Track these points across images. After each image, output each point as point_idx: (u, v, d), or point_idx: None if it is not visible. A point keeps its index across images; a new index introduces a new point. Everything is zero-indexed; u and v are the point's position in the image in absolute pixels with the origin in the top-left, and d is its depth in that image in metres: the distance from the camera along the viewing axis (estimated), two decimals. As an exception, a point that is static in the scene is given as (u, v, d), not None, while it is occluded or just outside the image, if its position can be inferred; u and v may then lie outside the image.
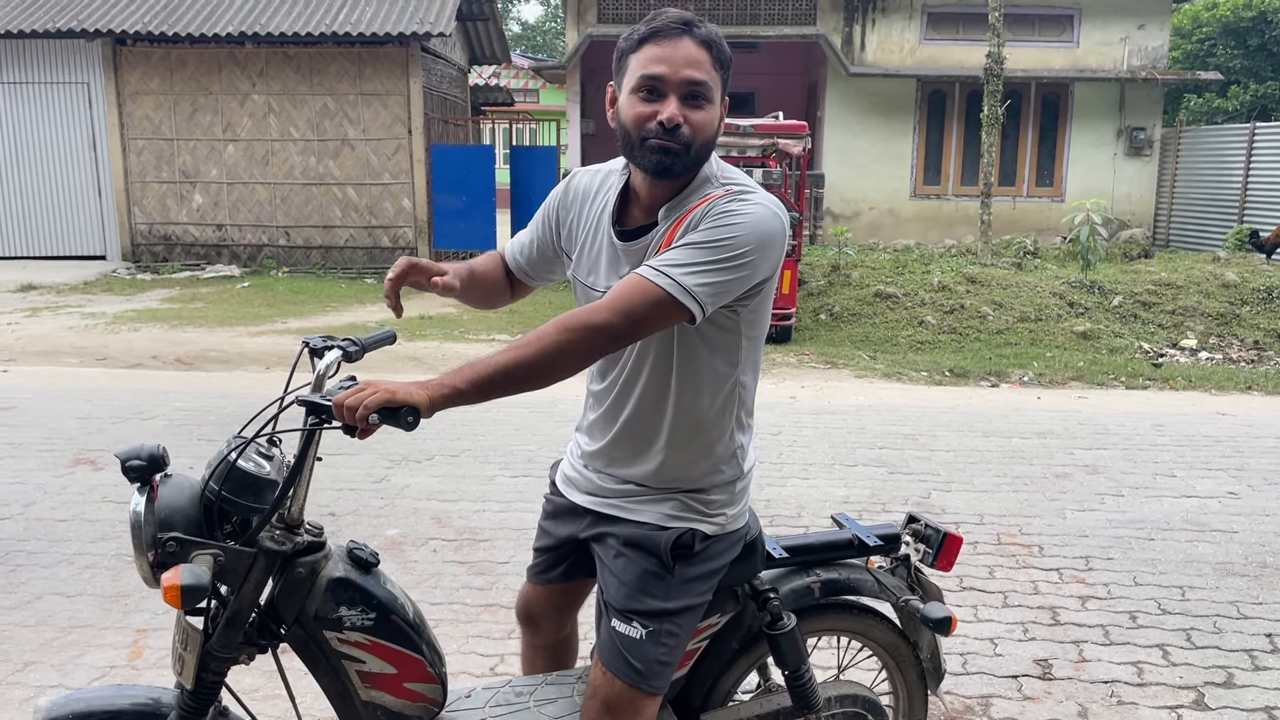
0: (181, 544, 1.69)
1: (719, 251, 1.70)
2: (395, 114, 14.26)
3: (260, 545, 1.77)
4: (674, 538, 1.92)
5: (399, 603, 1.93)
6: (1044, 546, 4.51)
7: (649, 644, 1.91)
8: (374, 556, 1.92)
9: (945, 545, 2.30)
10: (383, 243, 14.59)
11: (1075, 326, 9.89)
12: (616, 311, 1.68)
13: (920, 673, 2.43)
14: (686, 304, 1.69)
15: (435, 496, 5.06)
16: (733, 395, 1.93)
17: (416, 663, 1.93)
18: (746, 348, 1.90)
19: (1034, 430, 6.54)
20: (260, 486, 1.77)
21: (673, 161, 1.76)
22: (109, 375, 8.00)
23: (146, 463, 1.73)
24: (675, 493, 1.95)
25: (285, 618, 1.84)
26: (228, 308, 11.52)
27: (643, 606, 1.92)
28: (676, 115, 1.74)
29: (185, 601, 1.60)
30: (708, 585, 1.99)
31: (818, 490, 5.25)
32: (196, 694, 1.81)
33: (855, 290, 11.06)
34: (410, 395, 1.61)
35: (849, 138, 16.51)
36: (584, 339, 1.67)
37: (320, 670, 1.89)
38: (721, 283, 1.71)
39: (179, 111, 14.33)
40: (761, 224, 1.74)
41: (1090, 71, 16.17)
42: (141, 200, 14.59)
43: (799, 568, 2.26)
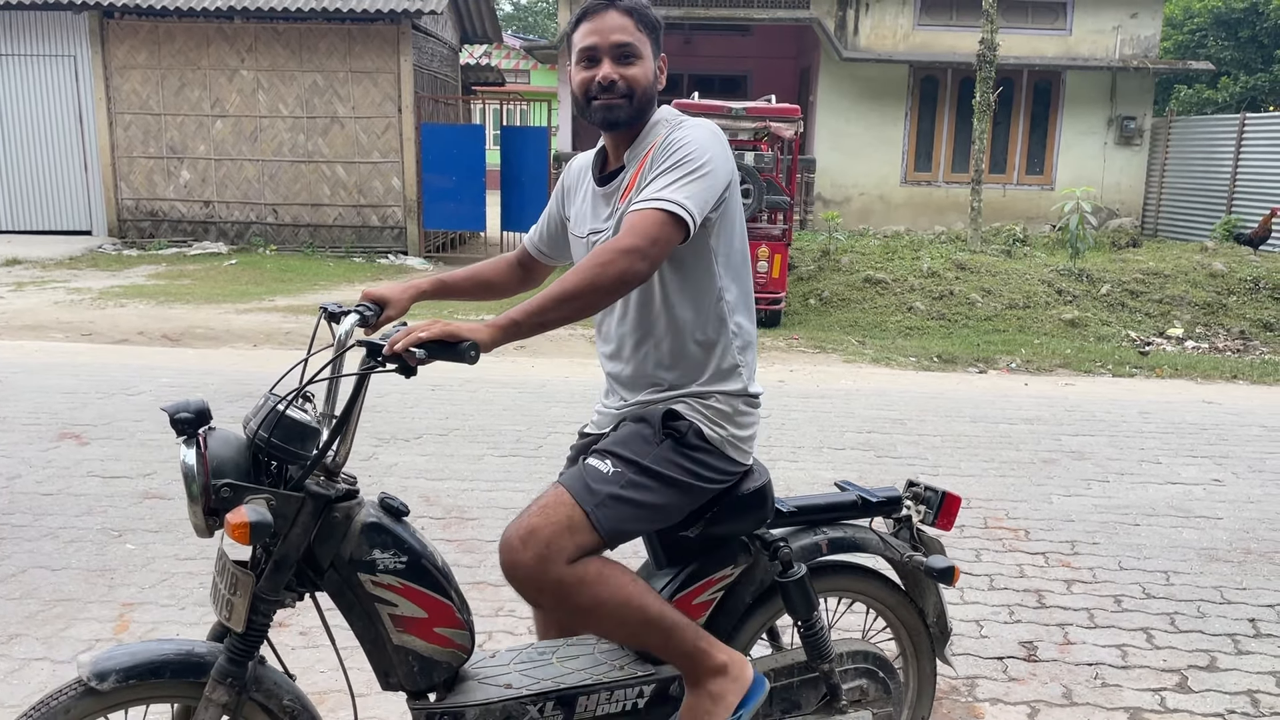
0: (235, 489, 1.79)
1: (682, 167, 1.96)
2: (385, 92, 14.16)
3: (308, 489, 1.85)
4: (668, 409, 2.10)
5: (429, 550, 2.00)
6: (1030, 531, 4.53)
7: (611, 480, 2.01)
8: (404, 507, 2.00)
9: (944, 504, 2.40)
10: (371, 222, 14.51)
11: (1063, 314, 9.92)
12: (634, 234, 1.89)
13: (927, 634, 2.50)
14: (679, 214, 1.91)
15: (423, 475, 5.05)
16: (720, 309, 2.11)
17: (446, 608, 1.99)
18: (723, 263, 2.10)
19: (1021, 416, 6.56)
20: (307, 434, 1.86)
21: (617, 114, 2.07)
22: (95, 351, 7.95)
23: (194, 416, 1.84)
24: (683, 395, 2.12)
25: (321, 561, 1.91)
26: (215, 285, 11.45)
27: (621, 452, 2.05)
28: (611, 73, 2.04)
29: (254, 537, 1.72)
30: (687, 480, 2.07)
31: (805, 472, 5.25)
32: (246, 637, 1.88)
33: (845, 276, 11.07)
34: (471, 330, 1.78)
35: (841, 123, 16.48)
36: (616, 260, 1.85)
37: (354, 615, 1.96)
38: (697, 189, 1.94)
39: (166, 86, 14.20)
40: (701, 135, 2.03)
41: (1082, 60, 16.16)
42: (128, 175, 14.47)
43: (806, 526, 2.35)
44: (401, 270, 13.38)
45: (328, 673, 3.14)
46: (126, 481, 4.83)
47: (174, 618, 3.49)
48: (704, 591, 2.23)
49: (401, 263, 13.88)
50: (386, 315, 2.23)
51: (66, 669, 3.13)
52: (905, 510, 2.43)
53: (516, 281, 2.50)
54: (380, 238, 14.54)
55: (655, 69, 2.11)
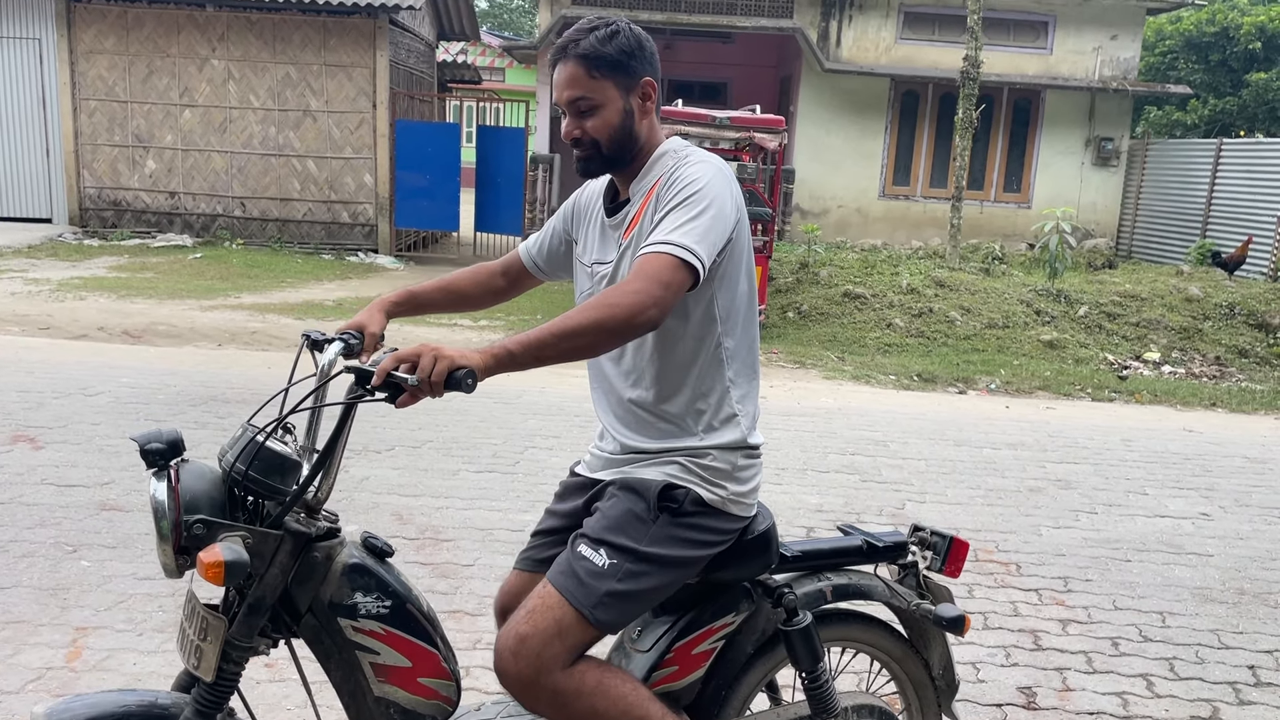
0: (209, 526, 1.68)
1: (689, 207, 1.88)
2: (360, 87, 13.89)
3: (287, 527, 1.75)
4: (663, 485, 1.97)
5: (413, 594, 1.89)
6: (1021, 565, 4.42)
7: (607, 574, 1.90)
8: (388, 547, 1.90)
9: (952, 550, 2.29)
10: (342, 218, 14.23)
11: (1042, 335, 9.88)
12: (644, 277, 1.79)
13: (933, 687, 2.39)
14: (688, 259, 1.82)
15: (396, 491, 4.85)
16: (717, 354, 2.01)
17: (431, 656, 1.88)
18: (724, 307, 1.99)
19: (1005, 441, 6.47)
20: (287, 468, 1.76)
21: (590, 165, 2.03)
22: (52, 346, 7.66)
23: (166, 447, 1.72)
24: (677, 454, 2.00)
25: (299, 605, 1.80)
26: (179, 279, 11.14)
27: (615, 540, 1.93)
28: (571, 130, 2.00)
29: (229, 578, 1.61)
30: (689, 553, 1.97)
31: (790, 497, 5.12)
32: (215, 687, 1.75)
33: (824, 289, 10.97)
34: (466, 358, 1.68)
35: (821, 134, 16.42)
36: (627, 304, 1.76)
37: (333, 664, 1.84)
38: (704, 230, 1.85)
39: (134, 73, 13.83)
40: (708, 173, 1.94)
41: (1062, 79, 16.21)
42: (91, 163, 14.08)
43: (809, 572, 2.24)
44: (371, 269, 13.12)
45: (295, 710, 2.95)
46: (83, 491, 4.59)
47: (131, 644, 3.28)
48: (704, 641, 2.11)
49: (371, 261, 13.62)
50: (370, 334, 2.14)
51: (15, 700, 2.92)
52: (911, 556, 2.32)
53: (495, 293, 2.39)
54: (350, 235, 14.26)
55: (625, 108, 2.00)
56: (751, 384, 2.08)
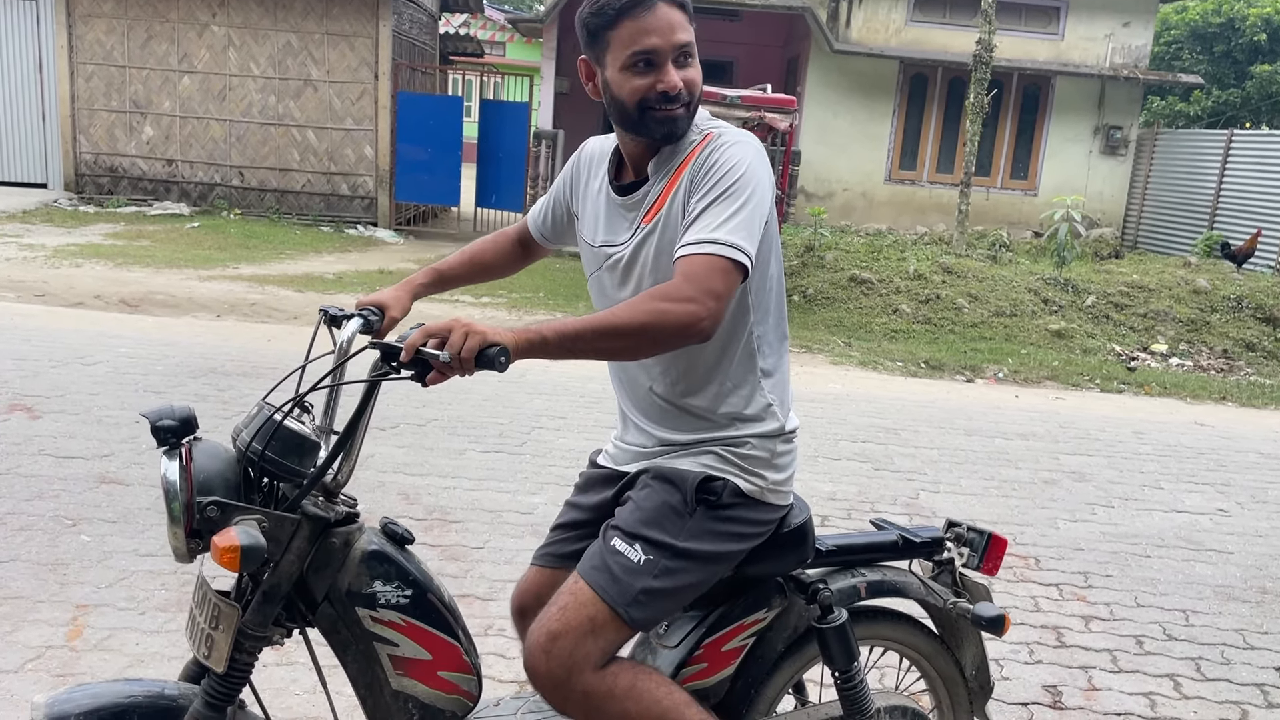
0: (223, 509, 1.59)
1: (733, 198, 1.72)
2: (362, 57, 13.68)
3: (304, 511, 1.66)
4: (702, 478, 1.87)
5: (435, 583, 1.82)
6: (1040, 559, 4.33)
7: (643, 570, 1.80)
8: (408, 534, 1.81)
9: (990, 547, 2.20)
10: (341, 190, 14.05)
11: (1049, 324, 9.78)
12: (697, 284, 1.65)
13: (966, 688, 2.30)
14: (738, 258, 1.68)
15: (402, 469, 4.75)
16: (750, 344, 1.88)
17: (452, 649, 1.80)
18: (756, 295, 1.86)
19: (1016, 431, 6.38)
20: (306, 448, 1.67)
21: (680, 127, 1.81)
22: (48, 313, 7.52)
23: (179, 424, 1.63)
24: (713, 444, 1.90)
25: (316, 593, 1.71)
26: (176, 248, 10.98)
27: (651, 534, 1.83)
28: (678, 82, 1.77)
29: (245, 563, 1.51)
30: (728, 547, 1.88)
31: (803, 485, 5.02)
32: (227, 678, 1.66)
33: (830, 273, 10.85)
34: (500, 335, 1.56)
35: (828, 116, 16.25)
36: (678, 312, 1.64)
37: (349, 655, 1.76)
38: (750, 223, 1.72)
39: (132, 38, 13.60)
40: (747, 156, 1.78)
41: (1073, 66, 16.04)
42: (88, 129, 13.86)
43: (842, 567, 2.15)
44: (370, 242, 12.96)
45: (304, 695, 2.85)
46: (82, 463, 4.48)
47: (133, 624, 3.17)
48: (734, 637, 2.01)
49: (371, 234, 13.45)
50: (390, 318, 2.05)
51: (13, 679, 2.82)
52: (948, 553, 2.22)
53: (515, 260, 2.29)
54: (350, 207, 14.09)
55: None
56: (784, 369, 1.97)
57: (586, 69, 1.87)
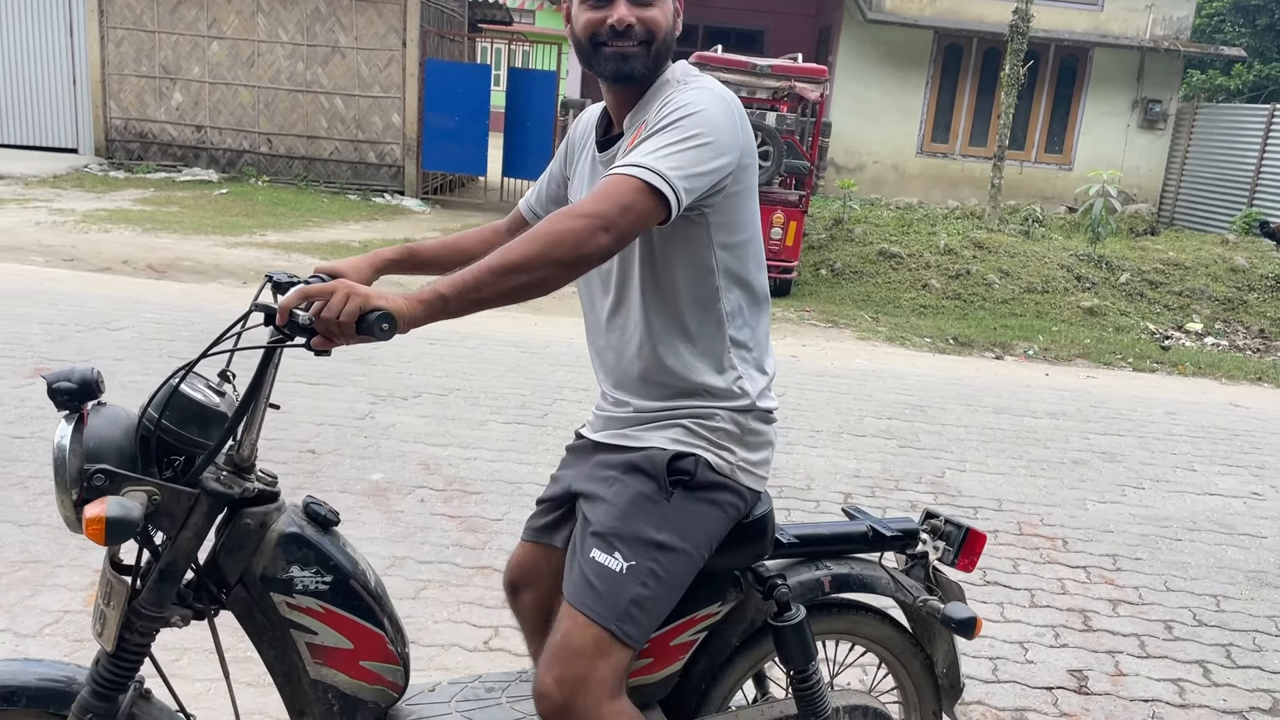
0: (111, 477, 1.48)
1: (676, 130, 1.64)
2: (390, 23, 13.60)
3: (203, 485, 1.56)
4: (672, 455, 1.78)
5: (359, 568, 1.71)
6: (1068, 540, 4.26)
7: (628, 579, 1.71)
8: (334, 515, 1.71)
9: (967, 542, 2.07)
10: (369, 158, 14.02)
11: (1082, 301, 9.62)
12: (600, 200, 1.57)
13: (935, 688, 2.18)
14: (660, 186, 1.57)
15: (423, 439, 4.73)
16: (716, 311, 1.80)
17: (375, 637, 1.71)
18: (723, 258, 1.78)
19: (1046, 410, 6.28)
20: (207, 418, 1.56)
21: (632, 64, 1.74)
22: (76, 278, 7.55)
23: (77, 386, 1.53)
24: (682, 415, 1.81)
25: (229, 577, 1.63)
26: (204, 214, 11.01)
27: (629, 531, 1.73)
28: (626, 16, 1.71)
29: (110, 537, 1.40)
30: (710, 528, 1.79)
31: (826, 461, 4.96)
32: (116, 660, 1.57)
33: (858, 247, 10.72)
34: (387, 300, 1.46)
35: (859, 87, 16.00)
36: (573, 228, 1.54)
37: (265, 642, 1.67)
38: (688, 160, 1.61)
39: (162, 3, 13.58)
40: (708, 100, 1.69)
41: (1112, 37, 15.70)
42: (118, 94, 13.89)
43: (807, 559, 2.03)
44: (397, 210, 12.94)
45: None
46: (103, 428, 4.48)
47: (149, 591, 3.17)
48: (684, 631, 1.92)
49: (397, 203, 13.43)
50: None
51: (31, 643, 2.83)
52: (922, 546, 2.11)
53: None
54: (377, 175, 14.06)
55: (674, 11, 1.78)
56: (760, 343, 1.87)
57: (566, 10, 1.84)
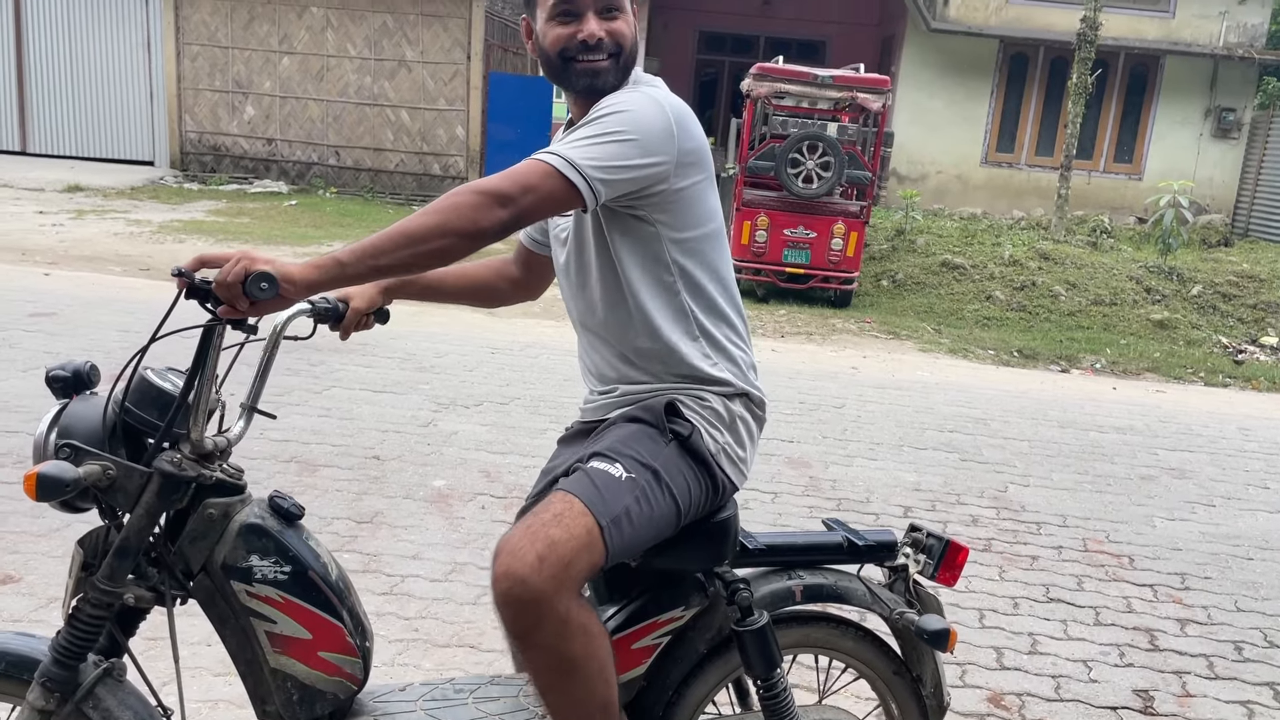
0: (75, 451, 1.58)
1: (596, 127, 1.68)
2: (455, 38, 13.83)
3: (157, 467, 1.62)
4: (669, 401, 1.83)
5: (320, 561, 1.76)
6: (1134, 558, 4.18)
7: (626, 487, 1.71)
8: (297, 508, 1.76)
9: (947, 555, 2.03)
10: (433, 170, 14.25)
11: (1152, 314, 9.42)
12: (504, 177, 1.61)
13: (919, 706, 2.12)
14: (571, 176, 1.62)
15: (484, 447, 4.80)
16: (679, 304, 1.84)
17: (334, 629, 1.75)
18: (678, 254, 1.82)
19: (1112, 424, 6.16)
20: (166, 402, 1.64)
21: (604, 78, 1.79)
22: (152, 287, 7.79)
23: (70, 376, 1.68)
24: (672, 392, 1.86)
25: (192, 564, 1.69)
26: (274, 225, 11.28)
27: (630, 452, 1.75)
28: (597, 31, 1.76)
29: (41, 493, 1.48)
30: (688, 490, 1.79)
31: (886, 474, 4.93)
32: (71, 629, 1.63)
33: (920, 258, 10.62)
34: (277, 266, 1.50)
35: (922, 97, 15.85)
36: (470, 202, 1.57)
37: (228, 630, 1.72)
38: (605, 153, 1.65)
39: (236, 19, 13.98)
40: (636, 101, 1.73)
41: (1184, 45, 15.36)
42: (193, 108, 14.31)
43: (780, 568, 2.00)
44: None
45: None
46: (177, 433, 4.62)
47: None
48: (646, 635, 1.90)
49: (461, 214, 13.60)
50: (354, 309, 1.97)
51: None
52: (902, 559, 2.07)
53: (515, 284, 2.20)
54: (440, 187, 14.28)
55: (634, 23, 1.84)
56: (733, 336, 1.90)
57: (526, 26, 1.89)
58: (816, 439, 5.37)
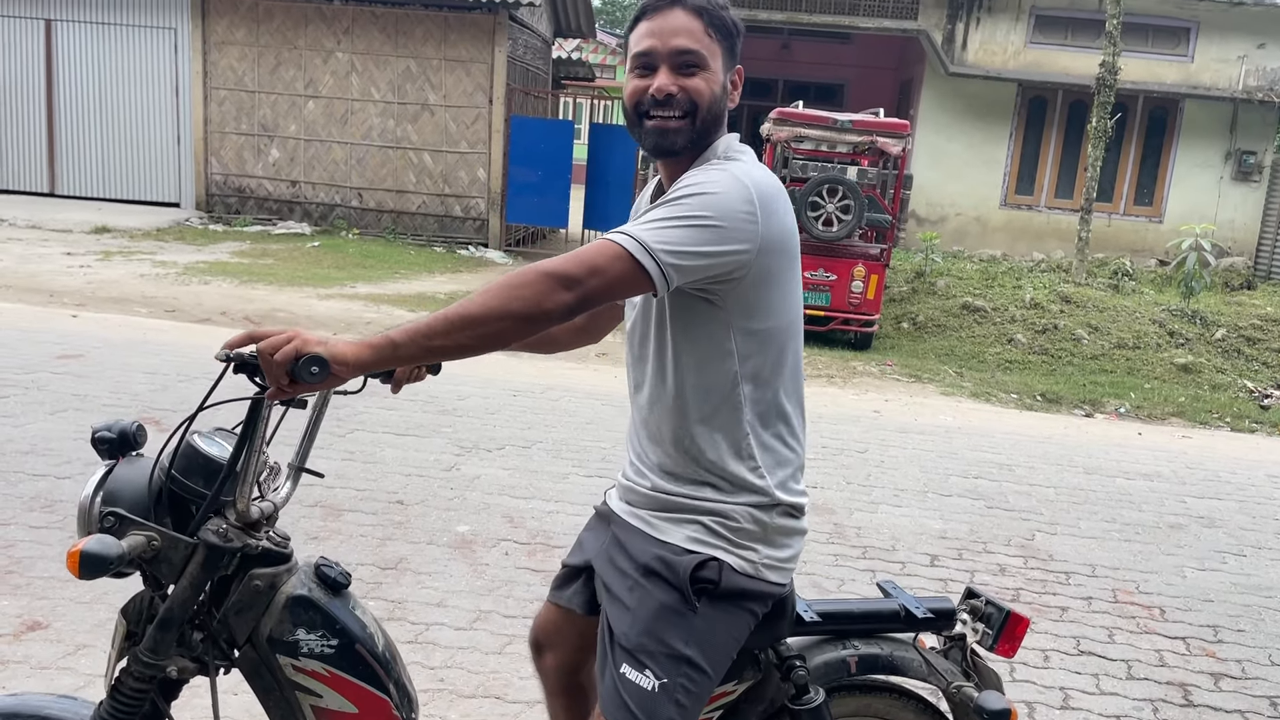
0: (120, 520, 1.54)
1: (675, 208, 1.59)
2: (477, 82, 14.00)
3: (202, 538, 1.58)
4: (695, 563, 1.70)
5: (367, 632, 1.72)
6: (1165, 609, 4.12)
7: (661, 698, 1.66)
8: (344, 577, 1.72)
9: (1007, 626, 1.97)
10: (454, 212, 14.38)
11: (1175, 358, 9.36)
12: (572, 259, 1.54)
13: None
14: (643, 260, 1.53)
15: (507, 492, 4.79)
16: (735, 397, 1.72)
17: (380, 703, 1.71)
18: (744, 344, 1.70)
19: (1139, 471, 6.10)
20: (213, 470, 1.59)
21: (673, 138, 1.70)
22: (178, 329, 7.86)
23: (116, 438, 1.64)
24: (701, 511, 1.74)
25: (237, 636, 1.65)
26: (297, 266, 11.38)
27: (658, 648, 1.68)
28: (668, 85, 1.67)
29: (84, 570, 1.43)
30: (733, 635, 1.74)
31: (911, 520, 4.89)
32: (113, 702, 1.60)
33: (941, 300, 10.61)
34: (328, 347, 1.46)
35: (941, 140, 15.93)
36: (534, 283, 1.51)
37: (272, 701, 1.69)
38: (682, 237, 1.56)
39: (263, 64, 14.21)
40: (723, 182, 1.62)
41: (1203, 89, 15.40)
42: (219, 150, 14.52)
43: (833, 637, 1.96)
44: (481, 262, 13.21)
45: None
46: (202, 477, 4.64)
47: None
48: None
49: (481, 254, 13.72)
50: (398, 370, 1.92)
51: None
52: (960, 627, 2.01)
53: (576, 329, 2.09)
54: (462, 228, 14.40)
55: (725, 84, 1.73)
56: (784, 434, 1.78)
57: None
58: (840, 484, 5.34)
